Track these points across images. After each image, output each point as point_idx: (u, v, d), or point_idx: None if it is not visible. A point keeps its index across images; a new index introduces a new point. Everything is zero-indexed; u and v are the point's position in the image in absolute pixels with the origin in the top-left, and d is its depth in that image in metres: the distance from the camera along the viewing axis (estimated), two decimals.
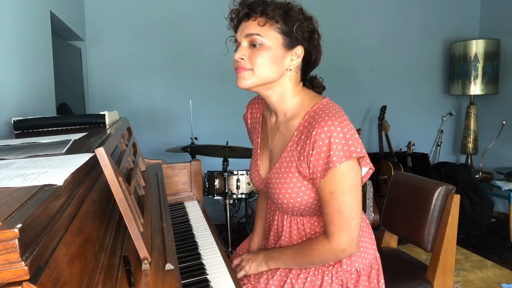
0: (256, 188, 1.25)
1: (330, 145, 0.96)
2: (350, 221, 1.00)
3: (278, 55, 1.02)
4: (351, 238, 1.01)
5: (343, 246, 1.02)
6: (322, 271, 1.10)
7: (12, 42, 1.50)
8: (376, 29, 3.74)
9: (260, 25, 1.01)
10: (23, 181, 0.61)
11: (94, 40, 3.10)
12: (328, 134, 0.96)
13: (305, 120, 1.04)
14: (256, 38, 1.01)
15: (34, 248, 0.46)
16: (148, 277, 0.78)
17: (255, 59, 1.02)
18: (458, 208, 1.38)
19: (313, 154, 0.99)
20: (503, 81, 3.70)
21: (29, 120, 1.36)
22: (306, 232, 1.13)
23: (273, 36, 1.01)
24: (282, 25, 1.01)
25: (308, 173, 1.03)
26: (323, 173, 0.99)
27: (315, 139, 0.98)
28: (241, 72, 1.05)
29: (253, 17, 1.02)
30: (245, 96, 1.28)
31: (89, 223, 0.73)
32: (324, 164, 0.98)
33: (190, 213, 1.61)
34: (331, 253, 1.04)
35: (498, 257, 2.77)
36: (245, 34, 1.03)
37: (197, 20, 3.28)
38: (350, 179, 0.99)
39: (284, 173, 1.07)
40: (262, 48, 1.01)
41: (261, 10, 1.00)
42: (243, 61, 1.04)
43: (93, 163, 0.80)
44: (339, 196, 0.99)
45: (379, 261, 1.20)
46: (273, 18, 1.00)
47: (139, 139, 1.90)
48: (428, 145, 4.09)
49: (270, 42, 1.01)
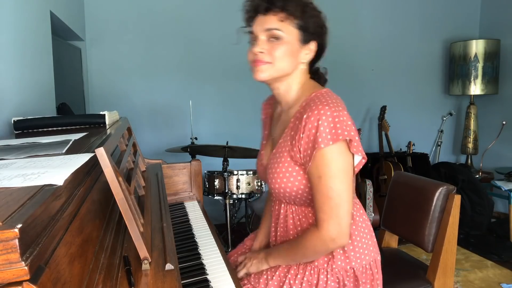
0: (261, 179, 1.26)
1: (318, 127, 0.97)
2: (338, 208, 0.99)
3: (294, 49, 1.05)
4: (340, 227, 1.00)
5: (332, 235, 1.00)
6: (318, 270, 1.10)
7: (12, 42, 1.50)
8: (376, 29, 3.74)
9: (281, 21, 1.03)
10: (23, 181, 0.61)
11: (94, 40, 3.10)
12: (317, 117, 0.97)
13: (301, 107, 1.06)
14: (276, 33, 1.03)
15: (34, 248, 0.46)
16: (148, 277, 0.78)
17: (274, 53, 1.04)
18: (458, 209, 1.38)
19: (303, 137, 1.00)
20: (503, 81, 3.70)
21: (29, 120, 1.36)
22: (301, 222, 1.13)
23: (292, 31, 1.04)
24: (299, 20, 1.04)
25: (299, 158, 1.03)
26: (310, 156, 0.99)
27: (305, 122, 1.00)
28: (259, 65, 1.06)
29: (273, 11, 1.04)
30: (245, 96, 1.29)
31: (89, 223, 0.73)
32: (311, 147, 0.99)
33: (190, 213, 1.61)
34: (321, 243, 1.02)
35: (498, 257, 2.77)
36: (265, 28, 1.04)
37: (197, 20, 3.28)
38: (338, 164, 0.99)
39: (279, 157, 1.09)
40: (281, 42, 1.04)
41: (282, 6, 1.02)
42: (262, 54, 1.05)
43: (93, 163, 0.80)
44: (327, 181, 0.98)
45: (379, 265, 1.17)
46: (293, 14, 1.03)
47: (139, 139, 1.90)
48: (428, 145, 4.09)
49: (288, 37, 1.04)
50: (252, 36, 1.09)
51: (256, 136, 3.98)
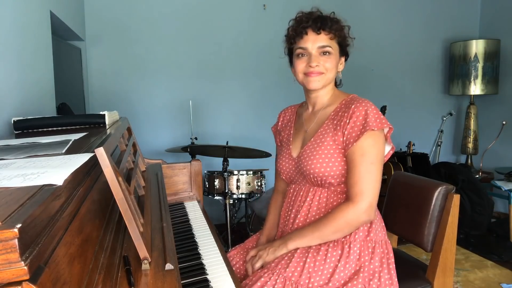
0: (282, 173, 1.36)
1: (367, 114, 1.16)
2: (374, 184, 1.15)
3: (337, 61, 1.28)
4: (373, 200, 1.16)
5: (364, 207, 1.14)
6: (341, 242, 1.18)
7: (12, 42, 1.50)
8: (376, 29, 3.74)
9: (331, 39, 1.25)
10: (23, 181, 0.61)
11: (94, 40, 3.10)
12: (365, 108, 1.18)
13: (341, 104, 1.26)
14: (328, 49, 1.25)
15: (34, 248, 0.46)
16: (148, 277, 0.78)
17: (326, 65, 1.25)
18: (458, 208, 1.38)
19: (349, 123, 1.18)
20: (503, 81, 3.70)
21: (29, 120, 1.36)
22: (326, 203, 1.24)
23: (335, 47, 1.27)
24: (339, 38, 1.27)
25: (341, 141, 1.20)
26: (358, 136, 1.16)
27: (353, 111, 1.19)
28: (315, 76, 1.26)
29: (325, 31, 1.24)
30: (245, 96, 1.30)
31: (89, 223, 0.73)
32: (360, 129, 1.16)
33: (190, 213, 1.61)
34: (353, 214, 1.15)
35: (498, 257, 2.77)
36: (318, 45, 1.25)
37: (197, 20, 3.29)
38: (379, 146, 1.18)
39: (319, 143, 1.24)
40: (331, 56, 1.26)
41: (330, 26, 1.24)
42: (318, 67, 1.25)
43: (93, 163, 0.80)
44: (369, 158, 1.15)
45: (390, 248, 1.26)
46: (337, 33, 1.26)
47: (139, 139, 1.90)
48: (428, 145, 4.09)
49: (335, 52, 1.26)
50: (300, 50, 1.27)
51: (256, 136, 3.99)
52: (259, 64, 3.43)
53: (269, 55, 3.32)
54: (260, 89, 3.48)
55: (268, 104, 3.49)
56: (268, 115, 3.55)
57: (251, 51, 3.41)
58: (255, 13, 3.41)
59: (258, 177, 2.58)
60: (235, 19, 3.36)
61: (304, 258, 1.15)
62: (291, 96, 3.26)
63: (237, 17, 3.37)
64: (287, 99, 3.52)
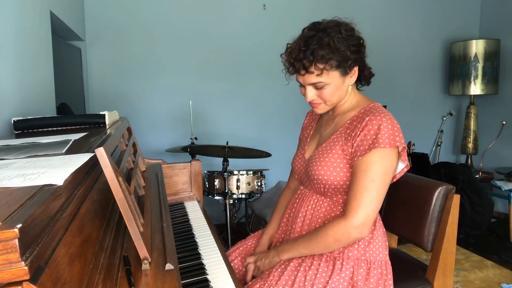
0: (295, 172, 1.37)
1: (380, 130, 1.11)
2: (371, 201, 1.10)
3: (339, 84, 1.18)
4: (366, 218, 1.10)
5: (356, 223, 1.09)
6: (334, 257, 1.15)
7: (12, 42, 1.50)
8: (376, 29, 3.74)
9: (318, 75, 1.14)
10: (23, 181, 0.61)
11: (94, 40, 3.10)
12: (379, 122, 1.12)
13: (359, 113, 1.20)
14: (319, 85, 1.17)
15: (34, 248, 0.46)
16: (148, 277, 0.78)
17: (323, 96, 1.19)
18: (458, 208, 1.38)
19: (360, 135, 1.13)
20: (503, 81, 3.70)
21: (29, 120, 1.36)
22: (325, 214, 1.21)
23: (331, 75, 1.15)
24: (335, 62, 1.13)
25: (349, 152, 1.16)
26: (365, 151, 1.11)
27: (366, 123, 1.13)
28: (315, 105, 1.24)
29: (309, 71, 1.14)
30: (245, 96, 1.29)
31: (89, 223, 0.73)
32: (369, 144, 1.11)
33: (190, 213, 1.61)
34: (344, 230, 1.10)
35: (498, 257, 2.77)
36: (308, 83, 1.18)
37: (197, 20, 3.28)
38: (386, 164, 1.12)
39: (328, 150, 1.21)
40: (326, 87, 1.17)
41: (313, 61, 1.12)
42: (315, 99, 1.21)
43: (93, 163, 0.80)
44: (371, 175, 1.10)
45: (389, 269, 1.22)
46: (327, 65, 1.13)
47: (139, 139, 1.90)
48: (428, 145, 4.09)
49: (330, 81, 1.16)
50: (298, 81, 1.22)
51: (256, 136, 4.00)
52: (259, 64, 3.43)
53: (269, 55, 3.31)
54: (260, 89, 3.48)
55: (268, 104, 3.49)
56: (268, 114, 3.56)
57: (251, 51, 3.41)
58: (255, 13, 3.41)
59: (258, 177, 2.58)
60: (235, 19, 3.36)
61: (296, 272, 1.15)
62: (291, 96, 3.26)
63: (237, 17, 3.37)
64: (287, 99, 3.53)
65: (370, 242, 1.18)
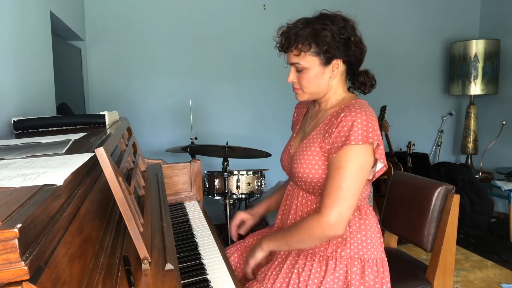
0: (282, 168, 1.38)
1: (353, 126, 1.09)
2: (345, 200, 1.08)
3: (318, 73, 1.19)
4: (340, 216, 1.08)
5: (331, 221, 1.08)
6: (327, 257, 1.15)
7: (12, 42, 1.50)
8: (376, 29, 3.74)
9: (297, 55, 1.18)
10: (23, 181, 0.61)
11: (94, 40, 3.10)
12: (353, 119, 1.10)
13: (339, 108, 1.19)
14: (298, 66, 1.19)
15: (34, 248, 0.46)
16: (148, 277, 0.78)
17: (301, 82, 1.21)
18: (458, 208, 1.38)
19: (335, 132, 1.13)
20: (503, 81, 3.70)
21: (29, 120, 1.36)
22: (310, 210, 1.22)
23: (310, 60, 1.17)
24: (315, 48, 1.16)
25: (327, 149, 1.15)
26: (339, 148, 1.10)
27: (341, 119, 1.12)
28: (295, 90, 1.25)
29: (290, 49, 1.19)
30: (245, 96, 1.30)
31: (89, 223, 0.73)
32: (342, 141, 1.10)
33: (190, 213, 1.61)
34: (318, 226, 1.10)
35: (498, 257, 2.77)
36: (289, 62, 1.22)
37: (197, 20, 3.28)
38: (359, 161, 1.10)
39: (308, 146, 1.21)
40: (304, 71, 1.19)
41: (294, 42, 1.17)
42: (295, 83, 1.24)
43: (93, 163, 0.80)
44: (343, 173, 1.09)
45: (386, 266, 1.21)
46: (305, 47, 1.16)
47: (139, 139, 1.90)
48: (428, 145, 4.09)
49: (308, 65, 1.18)
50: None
51: (256, 136, 3.99)
52: (259, 63, 3.43)
53: (269, 55, 3.30)
54: (260, 89, 3.48)
55: (268, 104, 3.49)
56: (268, 115, 3.56)
57: (252, 51, 3.41)
58: (255, 13, 3.41)
59: (258, 177, 2.58)
60: (235, 19, 3.36)
61: (290, 274, 1.15)
62: (291, 96, 3.26)
63: (237, 17, 3.37)
64: (287, 99, 3.53)
65: (363, 240, 1.17)
